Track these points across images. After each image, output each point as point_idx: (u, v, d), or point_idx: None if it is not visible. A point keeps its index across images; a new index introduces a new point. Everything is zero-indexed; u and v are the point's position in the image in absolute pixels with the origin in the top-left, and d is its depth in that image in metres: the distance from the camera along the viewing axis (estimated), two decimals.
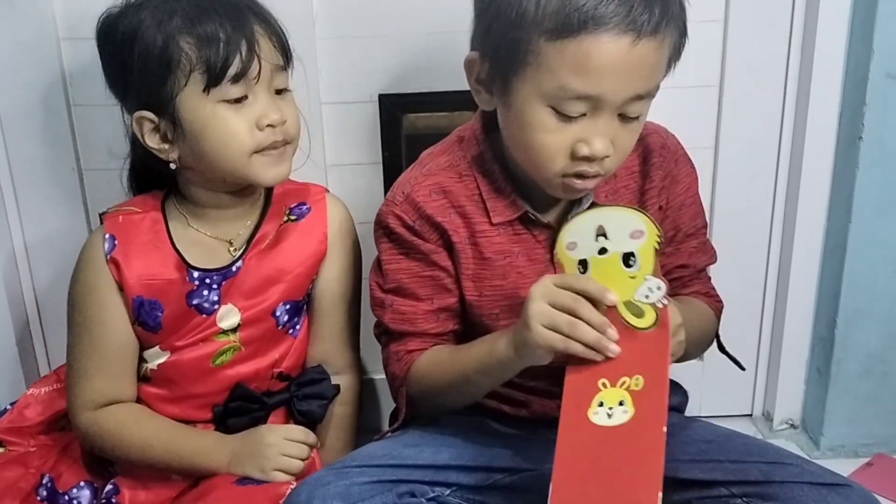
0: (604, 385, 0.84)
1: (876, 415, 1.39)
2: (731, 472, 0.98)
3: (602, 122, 0.89)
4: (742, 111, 1.30)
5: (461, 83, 1.27)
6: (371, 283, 1.05)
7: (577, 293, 0.83)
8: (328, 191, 1.16)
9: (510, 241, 1.01)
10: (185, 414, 1.10)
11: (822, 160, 1.30)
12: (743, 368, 1.15)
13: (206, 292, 1.06)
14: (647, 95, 0.91)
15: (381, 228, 1.03)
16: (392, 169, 1.31)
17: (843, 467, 1.28)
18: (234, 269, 1.07)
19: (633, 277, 0.84)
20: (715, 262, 1.14)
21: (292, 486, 0.96)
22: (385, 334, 1.05)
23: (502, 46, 0.90)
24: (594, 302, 0.83)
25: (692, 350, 1.01)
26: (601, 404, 0.83)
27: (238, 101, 1.00)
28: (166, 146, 1.02)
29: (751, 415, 1.51)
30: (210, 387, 1.09)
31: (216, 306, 1.06)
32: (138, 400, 1.10)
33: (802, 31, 1.26)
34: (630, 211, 0.86)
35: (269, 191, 1.12)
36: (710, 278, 1.14)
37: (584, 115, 0.88)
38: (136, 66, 0.99)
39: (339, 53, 1.26)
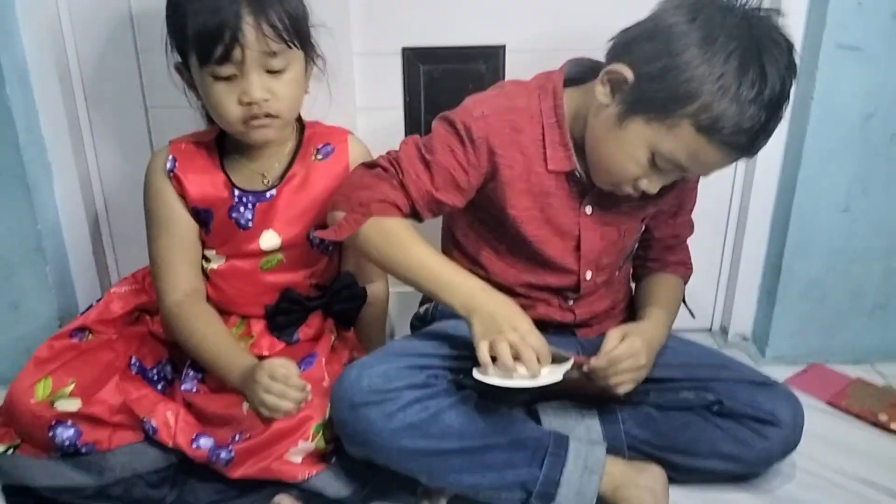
0: None
1: (813, 331, 1.55)
2: (683, 371, 1.20)
3: (672, 176, 1.08)
4: None
5: (473, 40, 1.42)
6: (411, 144, 1.14)
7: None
8: (350, 133, 1.28)
9: (555, 186, 1.16)
10: (241, 310, 1.27)
11: None
12: (693, 317, 1.37)
13: (241, 209, 1.22)
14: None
15: (449, 123, 1.13)
16: (413, 112, 1.47)
17: (784, 373, 1.51)
18: (266, 195, 1.22)
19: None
20: (693, 232, 1.32)
21: (325, 381, 1.13)
22: (384, 171, 1.13)
23: (654, 99, 1.02)
24: None
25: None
26: None
27: (228, 78, 1.10)
28: (195, 92, 1.17)
29: (710, 329, 1.68)
30: (259, 288, 1.25)
31: (250, 223, 1.21)
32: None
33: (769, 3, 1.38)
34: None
35: (300, 134, 1.26)
36: (687, 246, 1.33)
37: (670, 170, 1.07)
38: (169, 20, 1.13)
39: (369, 11, 1.40)
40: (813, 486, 1.23)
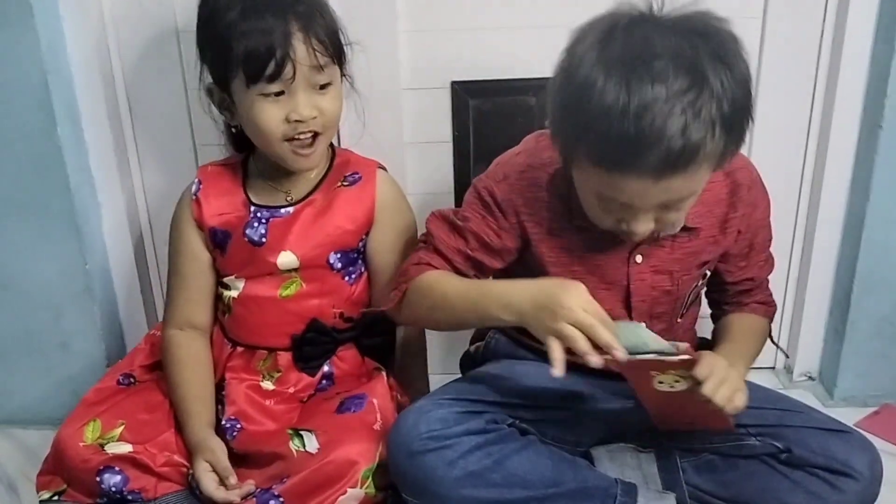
0: (654, 374, 1.01)
1: (884, 370, 1.49)
2: (750, 417, 1.13)
3: (641, 213, 0.99)
4: (775, 107, 1.40)
5: (522, 73, 1.41)
6: (438, 216, 1.17)
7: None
8: (381, 166, 1.26)
9: (596, 238, 1.11)
10: (266, 341, 1.23)
11: (846, 146, 1.40)
12: (787, 356, 1.30)
13: (255, 224, 1.21)
14: (683, 200, 0.99)
15: (476, 191, 1.15)
16: (462, 146, 1.46)
17: (853, 415, 1.44)
18: (282, 211, 1.21)
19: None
20: (773, 270, 1.25)
21: (377, 424, 1.12)
22: (421, 243, 1.18)
23: (562, 148, 1.00)
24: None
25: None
26: (661, 382, 1.03)
27: (277, 94, 1.11)
28: (228, 114, 1.18)
29: (774, 367, 1.62)
30: (282, 317, 1.22)
31: (263, 239, 1.20)
32: (223, 331, 1.26)
33: (833, 30, 1.36)
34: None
35: (331, 159, 1.26)
36: (768, 283, 1.26)
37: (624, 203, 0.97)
38: (209, 44, 1.14)
39: (418, 46, 1.39)
40: None
